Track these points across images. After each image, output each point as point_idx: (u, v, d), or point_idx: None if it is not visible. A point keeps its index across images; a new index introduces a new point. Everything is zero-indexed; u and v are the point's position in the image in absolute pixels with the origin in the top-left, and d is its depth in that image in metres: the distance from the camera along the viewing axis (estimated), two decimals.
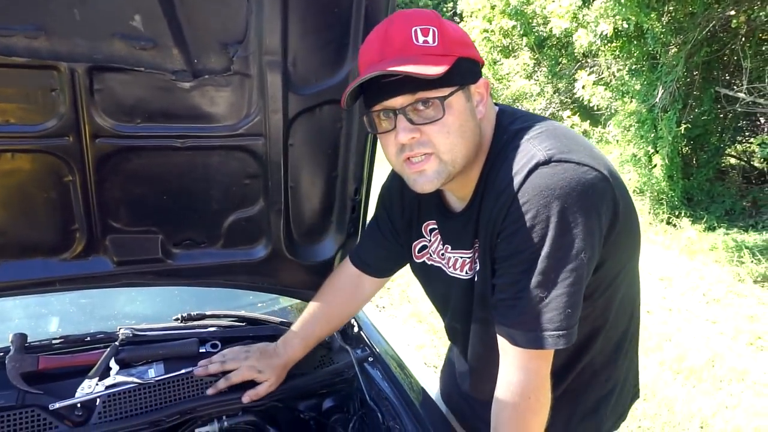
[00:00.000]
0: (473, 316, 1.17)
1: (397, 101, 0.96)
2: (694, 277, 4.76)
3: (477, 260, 1.10)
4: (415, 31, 0.94)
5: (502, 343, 1.03)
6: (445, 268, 1.19)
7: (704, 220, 5.74)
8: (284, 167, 1.36)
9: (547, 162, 0.94)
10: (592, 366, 1.17)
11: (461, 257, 1.15)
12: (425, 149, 0.99)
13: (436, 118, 0.96)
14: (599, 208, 0.95)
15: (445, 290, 1.22)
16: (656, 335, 3.78)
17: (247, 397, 1.34)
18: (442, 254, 1.20)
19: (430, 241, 1.23)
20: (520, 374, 1.01)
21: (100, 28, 1.06)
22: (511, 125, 1.04)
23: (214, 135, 1.26)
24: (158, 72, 1.14)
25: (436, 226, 1.21)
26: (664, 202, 5.99)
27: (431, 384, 2.89)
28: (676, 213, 5.93)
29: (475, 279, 1.12)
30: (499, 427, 1.05)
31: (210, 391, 1.32)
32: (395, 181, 1.28)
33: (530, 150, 0.97)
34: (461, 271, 1.16)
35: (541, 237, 0.93)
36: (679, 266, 4.98)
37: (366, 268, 1.39)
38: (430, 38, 0.94)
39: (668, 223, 5.91)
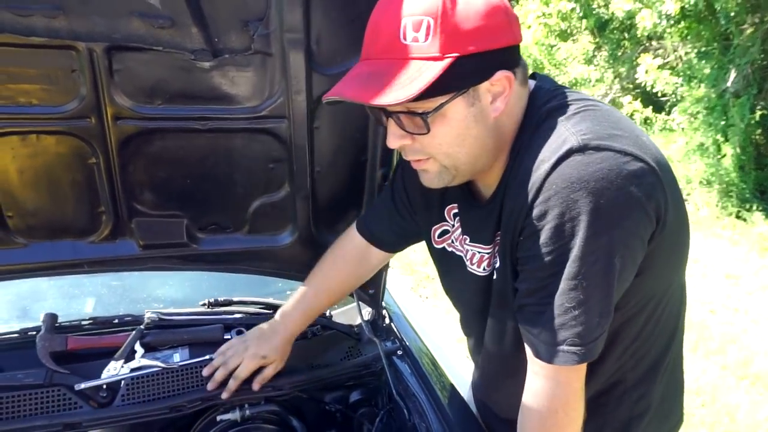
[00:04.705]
0: (490, 313, 1.07)
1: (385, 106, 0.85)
2: (765, 275, 4.41)
3: (497, 255, 0.99)
4: (405, 25, 0.80)
5: (528, 350, 0.93)
6: (465, 260, 1.08)
7: None
8: (310, 151, 1.31)
9: (581, 149, 0.80)
10: (623, 383, 1.04)
11: (479, 252, 1.03)
12: (419, 155, 0.91)
13: (422, 132, 0.86)
14: (643, 206, 0.81)
15: (462, 283, 1.11)
16: (719, 336, 3.52)
17: (257, 384, 1.30)
18: (463, 244, 1.09)
19: (453, 226, 1.11)
20: (547, 385, 0.91)
21: (117, 7, 1.04)
22: (545, 104, 0.90)
23: (236, 117, 1.22)
24: (177, 51, 1.11)
25: (458, 211, 1.09)
26: (734, 195, 5.57)
27: (468, 379, 2.79)
28: (747, 206, 5.51)
29: (494, 276, 1.01)
30: None
31: (224, 396, 1.28)
32: None
33: (563, 133, 0.83)
34: (478, 266, 1.04)
35: (569, 238, 0.81)
36: (748, 263, 4.63)
37: (375, 241, 1.29)
38: (421, 35, 0.79)
39: (738, 217, 5.50)
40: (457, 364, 2.99)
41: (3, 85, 1.06)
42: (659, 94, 6.23)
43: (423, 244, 1.25)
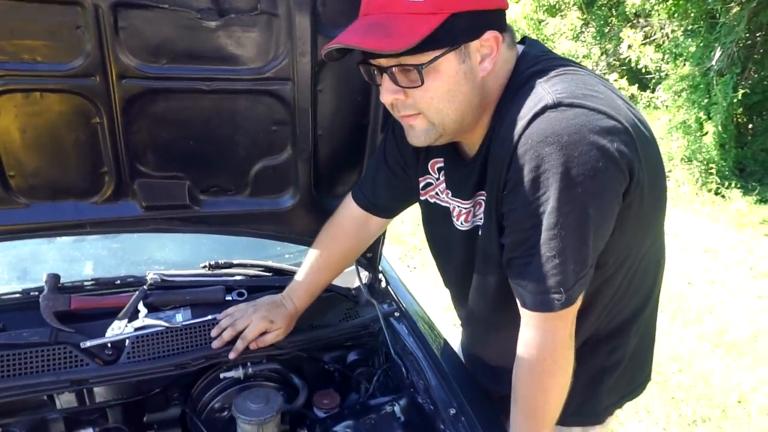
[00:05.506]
0: (475, 269, 1.12)
1: (380, 61, 0.91)
2: (742, 250, 4.56)
3: (477, 213, 1.05)
4: None
5: (518, 302, 0.98)
6: (450, 211, 1.13)
7: (756, 192, 5.46)
8: (313, 114, 1.32)
9: (555, 106, 0.84)
10: (595, 334, 1.10)
11: (459, 206, 1.10)
12: (410, 111, 0.95)
13: (415, 85, 0.91)
14: (615, 160, 0.84)
15: (445, 235, 1.16)
16: (696, 307, 3.65)
17: (254, 345, 1.33)
18: (448, 197, 1.13)
19: (437, 179, 1.16)
20: (536, 334, 0.97)
21: None
22: (529, 69, 0.94)
23: (241, 78, 1.23)
24: (183, 10, 1.10)
25: (443, 166, 1.14)
26: (714, 172, 5.71)
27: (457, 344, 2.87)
28: (726, 184, 5.66)
29: (479, 233, 1.06)
30: (517, 385, 1.03)
31: (231, 356, 1.30)
32: None
33: (539, 93, 0.88)
34: (457, 220, 1.11)
35: (545, 190, 0.85)
36: (725, 238, 4.78)
37: (373, 209, 1.32)
38: None
39: (716, 193, 5.65)
40: (444, 331, 3.06)
41: (7, 40, 1.05)
42: (644, 71, 6.30)
43: (410, 215, 1.27)
